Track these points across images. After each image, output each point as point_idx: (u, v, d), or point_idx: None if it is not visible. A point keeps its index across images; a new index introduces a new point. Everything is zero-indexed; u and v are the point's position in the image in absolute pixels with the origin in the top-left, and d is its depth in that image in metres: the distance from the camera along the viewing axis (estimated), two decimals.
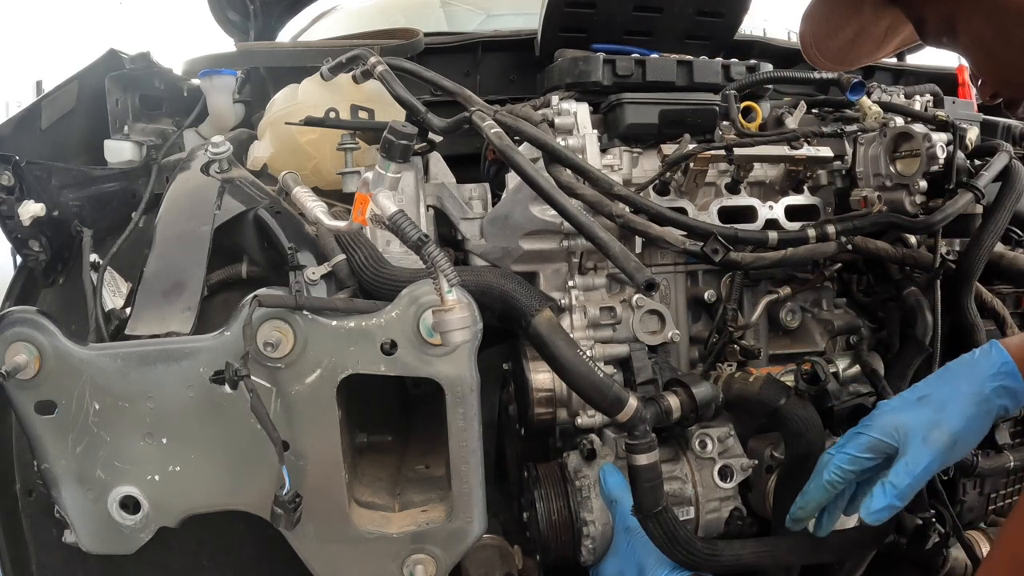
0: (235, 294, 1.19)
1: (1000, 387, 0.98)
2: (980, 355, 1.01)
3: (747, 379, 1.24)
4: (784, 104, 1.42)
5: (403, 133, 0.96)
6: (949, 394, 1.00)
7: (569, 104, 1.32)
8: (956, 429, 0.97)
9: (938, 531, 1.29)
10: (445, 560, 1.09)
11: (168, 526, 1.06)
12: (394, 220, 0.92)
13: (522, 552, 1.29)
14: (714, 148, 1.25)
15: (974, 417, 0.98)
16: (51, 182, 1.33)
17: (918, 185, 1.29)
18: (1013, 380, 0.98)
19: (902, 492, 0.97)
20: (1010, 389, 0.98)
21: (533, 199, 1.23)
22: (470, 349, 1.03)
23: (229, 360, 0.97)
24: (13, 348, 1.00)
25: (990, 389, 0.98)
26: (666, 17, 1.59)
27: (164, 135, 1.62)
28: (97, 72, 1.52)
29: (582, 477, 1.23)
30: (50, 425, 1.03)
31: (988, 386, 0.98)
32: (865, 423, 1.05)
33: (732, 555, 1.16)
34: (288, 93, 1.41)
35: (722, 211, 1.31)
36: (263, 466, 1.02)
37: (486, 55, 1.66)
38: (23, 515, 1.34)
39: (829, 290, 1.43)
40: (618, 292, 1.33)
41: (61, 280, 1.38)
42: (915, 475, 0.97)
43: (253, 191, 1.22)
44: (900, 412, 1.02)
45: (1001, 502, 1.44)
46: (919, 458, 0.97)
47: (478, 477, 1.07)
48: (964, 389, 0.99)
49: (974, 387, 0.99)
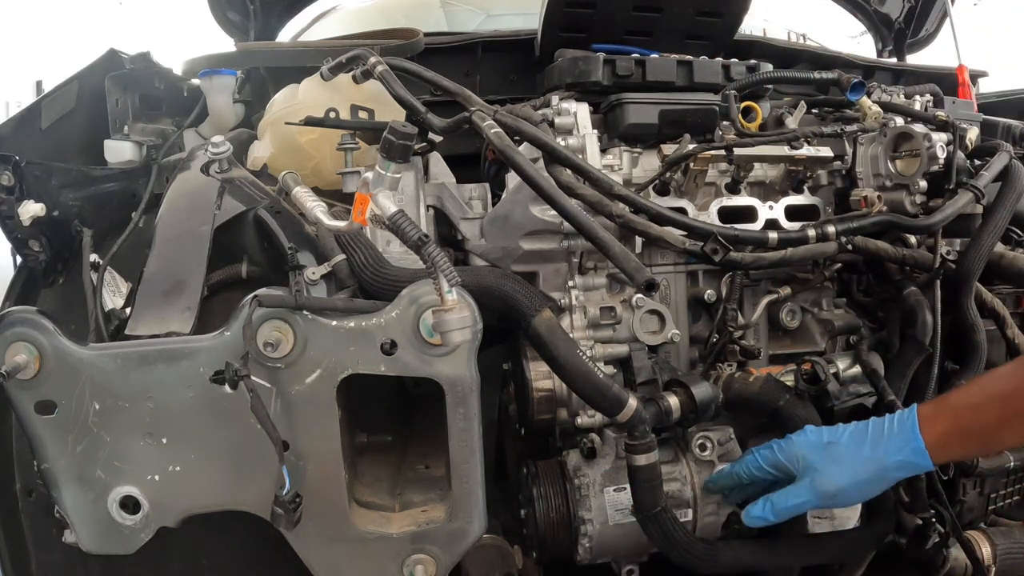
0: (235, 294, 1.19)
1: (900, 462, 1.06)
2: (897, 427, 1.08)
3: (747, 379, 1.24)
4: (784, 104, 1.42)
5: (403, 133, 0.96)
6: (851, 453, 1.08)
7: (569, 104, 1.32)
8: (841, 485, 1.07)
9: (938, 531, 1.28)
10: (445, 560, 1.09)
11: (168, 526, 1.06)
12: (394, 220, 0.92)
13: (522, 552, 1.29)
14: (714, 148, 1.25)
15: (865, 481, 1.08)
16: (51, 182, 1.33)
17: (918, 185, 1.29)
18: (917, 456, 1.05)
19: (777, 511, 1.10)
20: (909, 464, 1.06)
21: (533, 199, 1.23)
22: (470, 349, 1.03)
23: (229, 360, 0.97)
24: (13, 348, 1.00)
25: (890, 462, 1.06)
26: (666, 17, 1.59)
27: (164, 135, 1.62)
28: (97, 72, 1.52)
29: (581, 476, 1.23)
30: (50, 425, 1.02)
31: (891, 460, 1.06)
32: (784, 443, 1.14)
33: (731, 556, 1.16)
34: (288, 93, 1.41)
35: (722, 211, 1.31)
36: (263, 466, 1.02)
37: (486, 55, 1.66)
38: (23, 515, 1.34)
39: (829, 290, 1.43)
40: (618, 292, 1.33)
41: (61, 280, 1.38)
42: (789, 505, 1.10)
43: (253, 191, 1.22)
44: (809, 449, 1.11)
45: (1001, 502, 1.44)
46: (800, 493, 1.10)
47: (478, 477, 1.07)
48: (866, 455, 1.08)
49: (877, 457, 1.07)
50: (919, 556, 1.31)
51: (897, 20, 2.58)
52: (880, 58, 2.63)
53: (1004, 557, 1.30)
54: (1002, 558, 1.30)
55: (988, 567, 1.29)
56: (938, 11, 2.50)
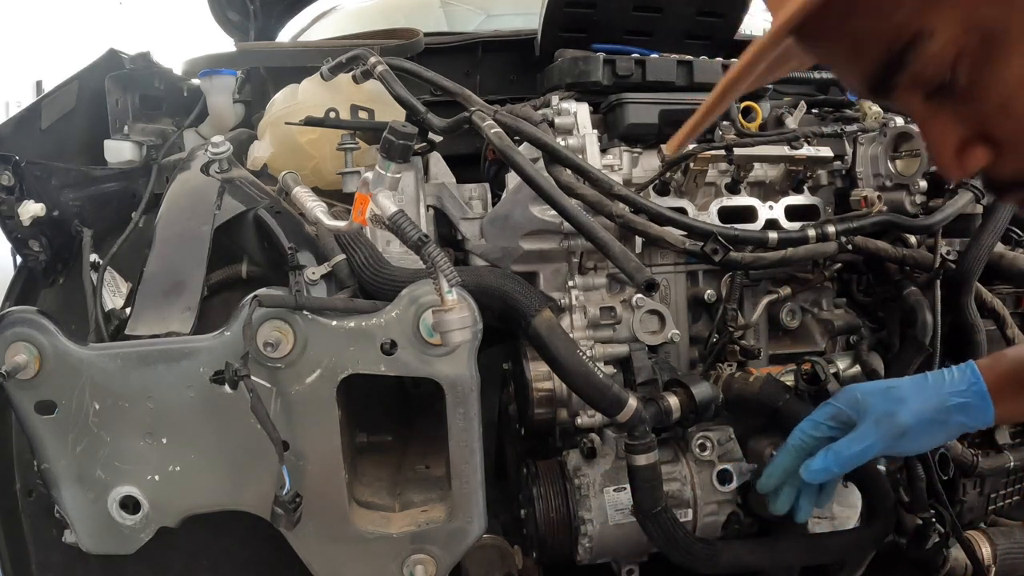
0: (235, 294, 1.19)
1: (962, 403, 1.02)
2: (956, 372, 1.06)
3: (747, 379, 1.24)
4: (784, 104, 1.42)
5: (403, 133, 0.96)
6: (914, 393, 1.05)
7: (569, 104, 1.32)
8: (907, 423, 1.02)
9: (938, 531, 1.28)
10: (445, 560, 1.08)
11: (168, 526, 1.06)
12: (394, 220, 0.92)
13: (522, 552, 1.29)
14: (714, 148, 1.25)
15: (928, 421, 1.03)
16: (51, 182, 1.33)
17: (918, 185, 1.29)
18: (978, 399, 1.02)
19: (840, 459, 1.04)
20: (972, 407, 1.02)
21: (533, 199, 1.23)
22: (470, 349, 1.03)
23: (229, 360, 0.97)
24: (13, 348, 1.00)
25: (952, 403, 1.03)
26: (666, 17, 1.59)
27: (164, 135, 1.62)
28: (97, 72, 1.52)
29: (581, 476, 1.23)
30: (50, 425, 1.02)
31: (951, 400, 1.03)
32: (840, 393, 1.10)
33: (731, 556, 1.16)
34: (288, 93, 1.41)
35: (722, 211, 1.31)
36: (263, 466, 1.02)
37: (486, 55, 1.66)
38: (23, 515, 1.34)
39: (829, 290, 1.43)
40: (618, 292, 1.33)
41: (61, 280, 1.38)
42: (856, 450, 1.03)
43: (253, 191, 1.22)
44: (867, 392, 1.07)
45: (1001, 502, 1.44)
46: (865, 436, 1.04)
47: (478, 477, 1.06)
48: (929, 394, 1.04)
49: (939, 396, 1.04)
50: (919, 556, 1.31)
51: None
52: None
53: (1004, 557, 1.30)
54: (1002, 558, 1.30)
55: (988, 567, 1.29)
56: None
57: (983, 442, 1.39)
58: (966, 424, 1.04)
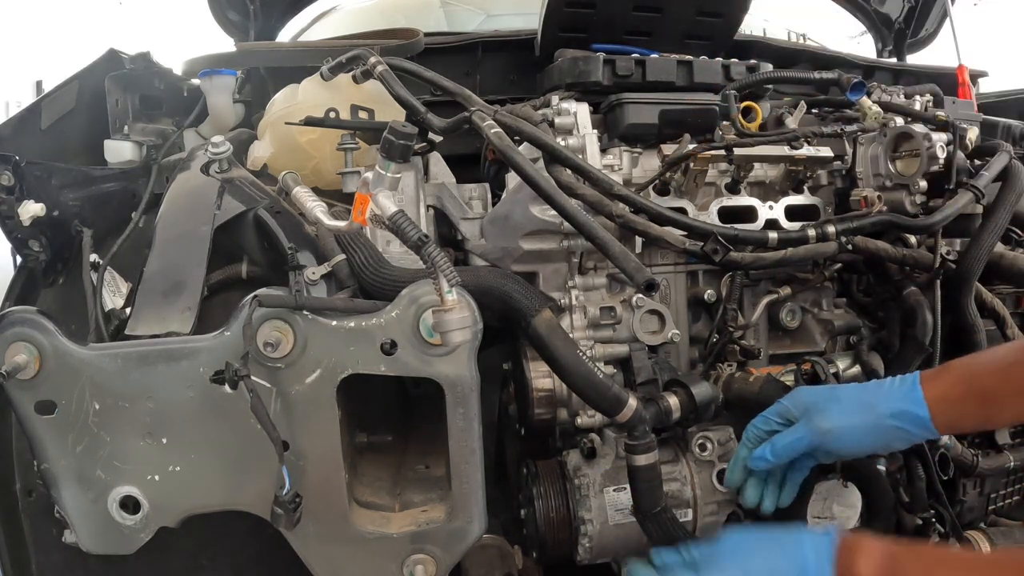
0: (235, 294, 1.19)
1: (897, 410, 1.06)
2: (899, 380, 1.10)
3: (747, 379, 1.24)
4: (784, 104, 1.42)
5: (403, 133, 0.96)
6: (850, 396, 1.10)
7: (569, 104, 1.32)
8: (835, 424, 1.08)
9: (938, 531, 1.29)
10: (445, 560, 1.09)
11: (168, 526, 1.06)
12: (394, 220, 0.92)
13: (522, 552, 1.29)
14: (714, 148, 1.25)
15: (860, 426, 1.08)
16: (51, 182, 1.33)
17: (918, 185, 1.29)
18: (914, 407, 1.05)
19: (775, 449, 1.11)
20: (906, 414, 1.06)
21: (533, 199, 1.23)
22: (470, 349, 1.03)
23: (229, 360, 0.97)
24: (13, 348, 1.00)
25: (886, 409, 1.07)
26: (666, 17, 1.59)
27: (164, 135, 1.62)
28: (97, 72, 1.52)
29: (581, 476, 1.23)
30: (50, 425, 1.02)
31: (885, 406, 1.07)
32: (786, 396, 1.15)
33: None
34: (288, 93, 1.41)
35: (722, 211, 1.31)
36: (263, 466, 1.02)
37: (486, 55, 1.66)
38: (23, 515, 1.34)
39: (829, 290, 1.43)
40: (618, 292, 1.33)
41: (61, 280, 1.38)
42: (786, 441, 1.11)
43: (253, 191, 1.22)
44: (811, 393, 1.14)
45: (1001, 502, 1.44)
46: (796, 430, 1.11)
47: (478, 477, 1.06)
48: (865, 399, 1.09)
49: (874, 402, 1.08)
50: None
51: (897, 20, 2.58)
52: (880, 58, 2.63)
53: None
54: None
55: None
56: (938, 11, 2.50)
57: (983, 442, 1.39)
58: (903, 430, 1.07)
